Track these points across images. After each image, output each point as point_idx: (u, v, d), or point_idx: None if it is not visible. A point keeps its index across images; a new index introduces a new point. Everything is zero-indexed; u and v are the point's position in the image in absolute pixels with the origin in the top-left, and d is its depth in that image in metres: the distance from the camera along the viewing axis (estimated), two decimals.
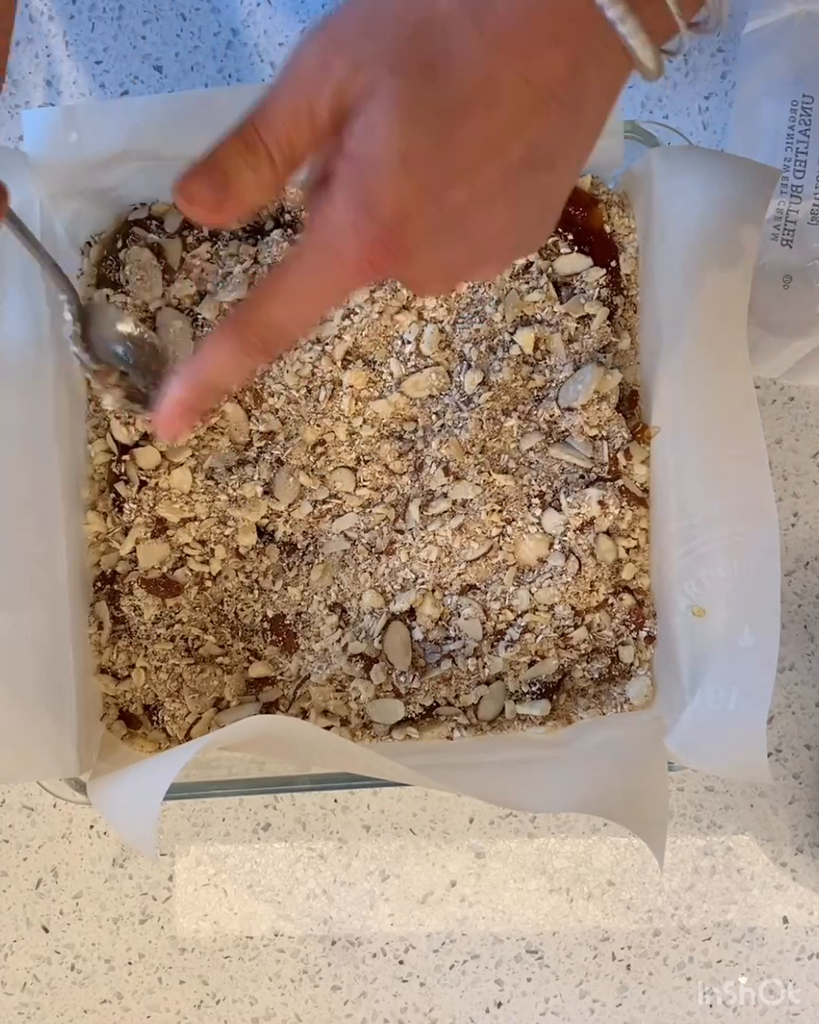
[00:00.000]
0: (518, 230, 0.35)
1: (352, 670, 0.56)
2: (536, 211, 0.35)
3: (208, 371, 0.37)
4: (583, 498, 0.54)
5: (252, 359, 0.36)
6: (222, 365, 0.37)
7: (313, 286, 0.35)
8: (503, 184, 0.32)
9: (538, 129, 0.31)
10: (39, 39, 0.63)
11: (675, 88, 0.63)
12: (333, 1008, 0.62)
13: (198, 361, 0.37)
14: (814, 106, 0.58)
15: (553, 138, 0.32)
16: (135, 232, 0.56)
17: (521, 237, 0.36)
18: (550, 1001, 0.62)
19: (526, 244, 0.38)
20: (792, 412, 0.63)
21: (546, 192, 0.34)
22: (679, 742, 0.51)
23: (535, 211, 0.35)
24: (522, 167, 0.32)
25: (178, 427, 0.39)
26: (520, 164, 0.32)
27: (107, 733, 0.56)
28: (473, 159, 0.31)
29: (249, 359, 0.36)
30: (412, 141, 0.31)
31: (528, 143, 0.31)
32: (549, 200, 0.35)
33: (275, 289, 0.35)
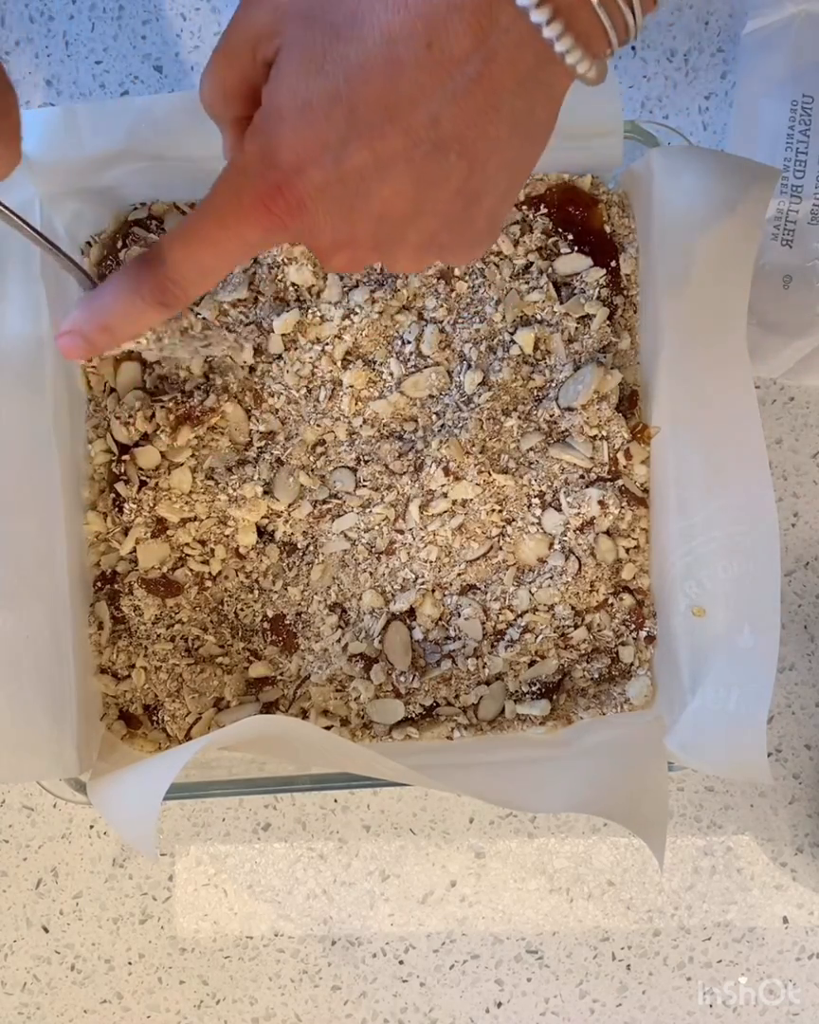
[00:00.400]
0: (434, 218, 0.34)
1: (352, 670, 0.56)
2: (454, 201, 0.34)
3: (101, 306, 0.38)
4: (583, 498, 0.54)
5: (146, 304, 0.37)
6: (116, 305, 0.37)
7: (212, 229, 0.35)
8: (406, 157, 0.32)
9: (441, 100, 0.31)
10: (39, 39, 0.63)
11: (675, 88, 0.63)
12: (333, 1008, 0.62)
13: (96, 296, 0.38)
14: (814, 106, 0.58)
15: (461, 116, 0.31)
16: (135, 232, 0.56)
17: (440, 228, 0.35)
18: (550, 1001, 0.62)
19: (449, 243, 0.36)
20: (792, 412, 0.63)
21: (464, 181, 0.33)
22: (679, 742, 0.52)
23: (453, 200, 0.34)
24: (427, 141, 0.31)
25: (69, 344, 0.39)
26: (425, 137, 0.31)
27: (107, 733, 0.56)
28: (372, 119, 0.31)
29: (142, 303, 0.37)
30: (314, 92, 0.31)
31: (431, 114, 0.31)
32: (470, 192, 0.34)
33: (175, 232, 0.36)
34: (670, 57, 0.63)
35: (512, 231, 0.56)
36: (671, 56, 0.63)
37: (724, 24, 0.63)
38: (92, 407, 0.57)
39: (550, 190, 0.56)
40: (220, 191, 0.35)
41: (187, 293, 0.37)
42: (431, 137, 0.31)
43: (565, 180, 0.56)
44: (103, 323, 0.38)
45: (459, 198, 0.34)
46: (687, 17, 0.63)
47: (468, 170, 0.33)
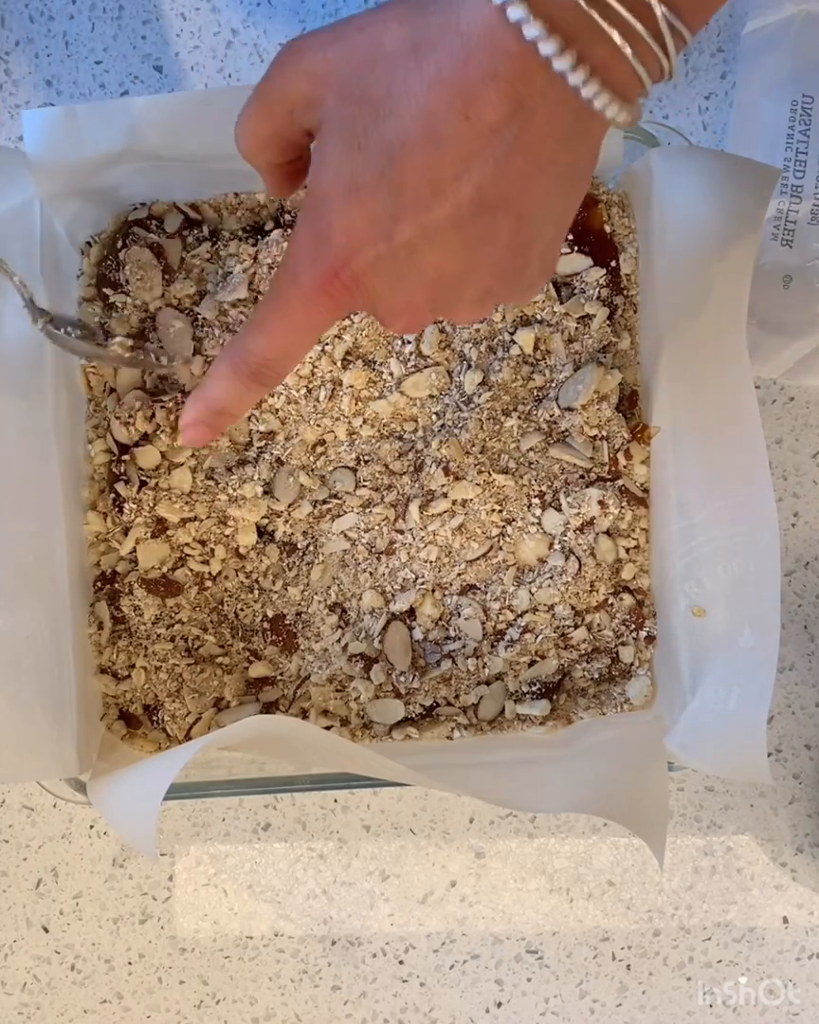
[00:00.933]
0: (488, 272, 0.35)
1: (352, 670, 0.56)
2: (505, 256, 0.34)
3: (213, 398, 0.42)
4: (583, 498, 0.54)
5: (247, 387, 0.40)
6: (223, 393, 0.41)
7: (281, 317, 0.37)
8: (454, 224, 0.32)
9: (483, 168, 0.31)
10: (39, 39, 0.63)
11: (675, 88, 0.63)
12: (333, 1008, 0.62)
13: (204, 388, 0.42)
14: (814, 106, 0.58)
15: (504, 179, 0.31)
16: (135, 232, 0.56)
17: (494, 281, 0.36)
18: (550, 1001, 0.62)
19: (505, 291, 0.37)
20: (792, 412, 0.63)
21: (513, 236, 0.34)
22: (679, 742, 0.52)
23: (503, 256, 0.34)
24: (472, 207, 0.32)
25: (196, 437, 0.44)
26: (470, 204, 0.32)
27: (107, 733, 0.56)
28: (418, 195, 0.32)
29: (244, 387, 0.40)
30: (358, 173, 0.32)
31: (475, 183, 0.31)
32: (519, 245, 0.34)
33: (254, 320, 0.38)
34: None
35: None
36: None
37: (724, 24, 0.63)
38: (92, 407, 0.57)
39: None
40: (282, 280, 0.36)
41: (279, 372, 0.40)
42: (476, 204, 0.32)
43: None
44: (220, 410, 0.42)
45: (509, 252, 0.34)
46: None
47: (516, 225, 0.33)
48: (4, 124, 0.63)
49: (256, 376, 0.40)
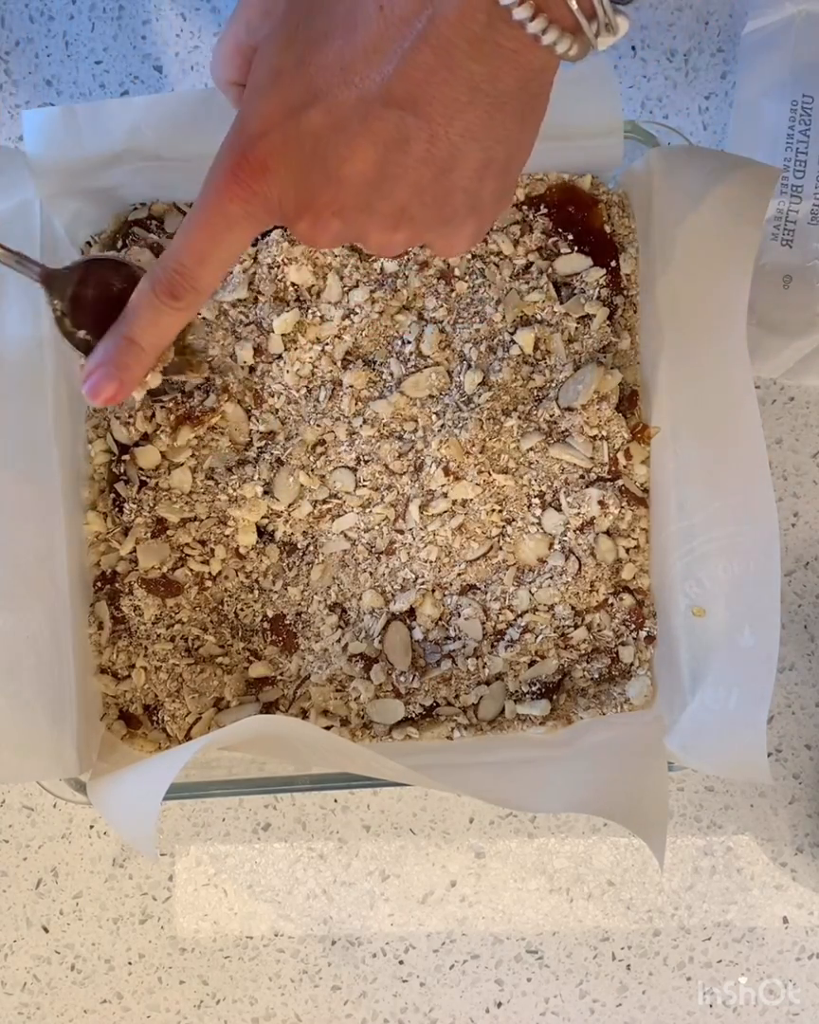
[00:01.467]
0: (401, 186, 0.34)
1: (352, 670, 0.56)
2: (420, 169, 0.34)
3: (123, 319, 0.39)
4: (583, 498, 0.54)
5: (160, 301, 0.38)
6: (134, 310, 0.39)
7: (195, 212, 0.36)
8: (361, 116, 0.32)
9: (391, 59, 0.31)
10: (39, 39, 0.63)
11: (675, 88, 0.63)
12: (333, 1008, 0.62)
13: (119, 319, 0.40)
14: (814, 106, 0.58)
15: (411, 74, 0.31)
16: (135, 232, 0.56)
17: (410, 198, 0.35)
18: (550, 1001, 0.62)
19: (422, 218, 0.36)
20: (792, 412, 0.63)
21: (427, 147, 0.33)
22: (679, 742, 0.52)
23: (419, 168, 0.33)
24: (380, 100, 0.32)
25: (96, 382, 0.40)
26: (377, 96, 0.32)
27: (107, 733, 0.56)
28: (330, 80, 0.32)
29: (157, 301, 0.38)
30: (281, 61, 0.33)
31: (382, 73, 0.31)
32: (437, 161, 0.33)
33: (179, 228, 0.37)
34: (670, 57, 0.63)
35: (512, 231, 0.56)
36: (671, 56, 0.63)
37: (724, 24, 0.63)
38: (92, 407, 0.57)
39: (550, 190, 0.56)
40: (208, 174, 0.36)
41: (193, 284, 0.38)
42: (384, 97, 0.32)
43: (565, 180, 0.56)
44: (128, 336, 0.39)
45: (425, 166, 0.34)
46: (687, 17, 0.63)
47: (429, 134, 0.33)
48: (4, 124, 0.63)
49: (169, 285, 0.38)
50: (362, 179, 0.34)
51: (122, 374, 0.40)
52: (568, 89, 0.50)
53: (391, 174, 0.34)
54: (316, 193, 0.35)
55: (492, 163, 0.35)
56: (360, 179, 0.34)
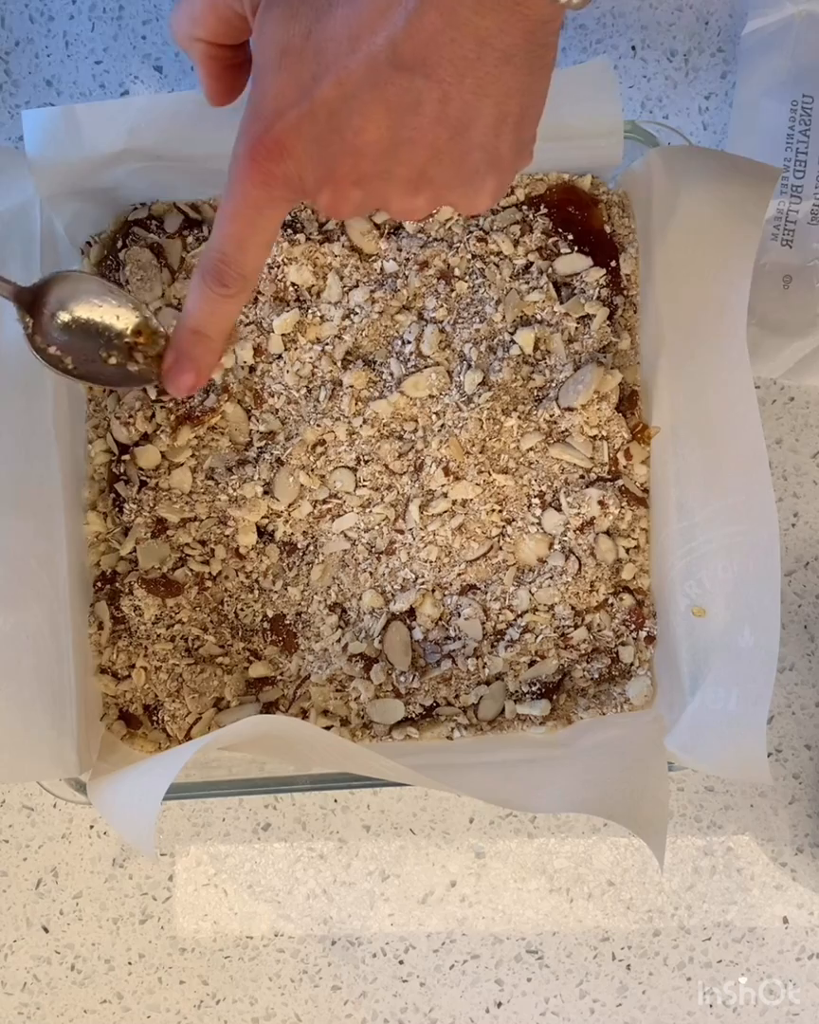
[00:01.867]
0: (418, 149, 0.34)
1: (352, 670, 0.56)
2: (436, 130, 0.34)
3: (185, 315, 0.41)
4: (583, 498, 0.54)
5: (214, 292, 0.39)
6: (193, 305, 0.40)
7: (229, 203, 0.36)
8: (372, 83, 0.32)
9: (396, 23, 0.31)
10: (39, 39, 0.63)
11: (675, 88, 0.63)
12: (333, 1008, 0.62)
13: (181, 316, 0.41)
14: (814, 106, 0.58)
15: (418, 35, 0.31)
16: (135, 232, 0.56)
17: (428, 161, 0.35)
18: (550, 1001, 0.62)
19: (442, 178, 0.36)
20: (792, 412, 0.63)
21: (441, 107, 0.33)
22: (679, 742, 0.51)
23: (434, 129, 0.33)
24: (389, 65, 0.32)
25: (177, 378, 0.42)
26: (386, 62, 0.32)
27: (107, 733, 0.56)
28: (338, 52, 0.32)
29: (211, 292, 0.39)
30: (289, 37, 0.33)
31: (389, 37, 0.31)
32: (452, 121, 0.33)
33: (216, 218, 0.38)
34: (670, 57, 0.63)
35: (512, 231, 0.56)
36: (671, 56, 0.63)
37: (724, 24, 0.63)
38: (92, 407, 0.57)
39: (550, 190, 0.56)
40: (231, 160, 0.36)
41: (239, 271, 0.39)
42: (392, 61, 0.32)
43: (565, 180, 0.56)
44: (195, 328, 0.41)
45: (441, 127, 0.34)
46: (687, 17, 0.63)
47: (441, 94, 0.33)
48: (4, 124, 0.63)
49: (218, 276, 0.39)
50: (378, 146, 0.34)
51: (198, 363, 0.42)
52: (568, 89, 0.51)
53: (407, 138, 0.34)
54: (334, 165, 0.35)
55: (507, 117, 0.35)
56: (376, 146, 0.34)
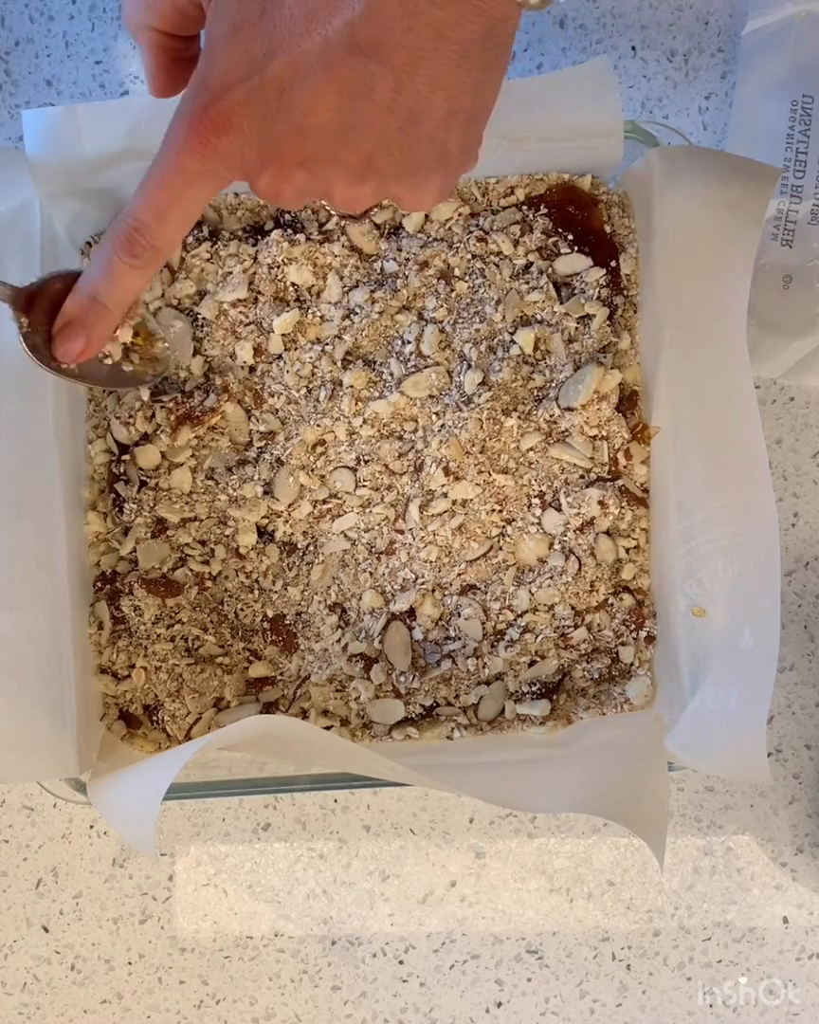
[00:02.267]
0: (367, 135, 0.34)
1: (352, 670, 0.56)
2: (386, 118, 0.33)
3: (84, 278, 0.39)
4: (583, 498, 0.54)
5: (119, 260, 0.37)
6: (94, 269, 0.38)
7: (159, 170, 0.35)
8: (325, 63, 0.32)
9: (353, 6, 0.31)
10: (39, 39, 0.63)
11: (675, 88, 0.63)
12: (333, 1008, 0.62)
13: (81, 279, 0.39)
14: (814, 106, 0.58)
15: (375, 20, 0.31)
16: None
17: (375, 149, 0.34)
18: (550, 1001, 0.62)
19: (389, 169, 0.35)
20: (792, 412, 0.63)
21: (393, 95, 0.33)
22: (679, 742, 0.51)
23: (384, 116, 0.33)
24: (344, 47, 0.32)
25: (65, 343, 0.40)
26: (341, 44, 0.31)
27: (107, 733, 0.56)
28: (293, 30, 0.32)
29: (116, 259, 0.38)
30: (243, 13, 0.32)
31: (346, 19, 0.31)
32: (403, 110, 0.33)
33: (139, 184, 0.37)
34: (670, 57, 0.63)
35: (512, 231, 0.56)
36: (671, 56, 0.63)
37: (724, 24, 0.63)
38: (92, 407, 0.57)
39: (550, 190, 0.56)
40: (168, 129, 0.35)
41: (153, 242, 0.37)
42: (348, 43, 0.31)
43: (565, 180, 0.56)
44: (90, 295, 0.39)
45: (391, 115, 0.33)
46: (687, 17, 0.63)
47: (394, 82, 0.32)
48: (4, 124, 0.63)
49: (128, 243, 0.37)
50: (326, 128, 0.33)
51: (89, 332, 0.40)
52: (568, 89, 0.51)
53: (356, 123, 0.33)
54: (280, 144, 0.34)
55: (458, 112, 0.34)
56: (324, 128, 0.33)
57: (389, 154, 0.35)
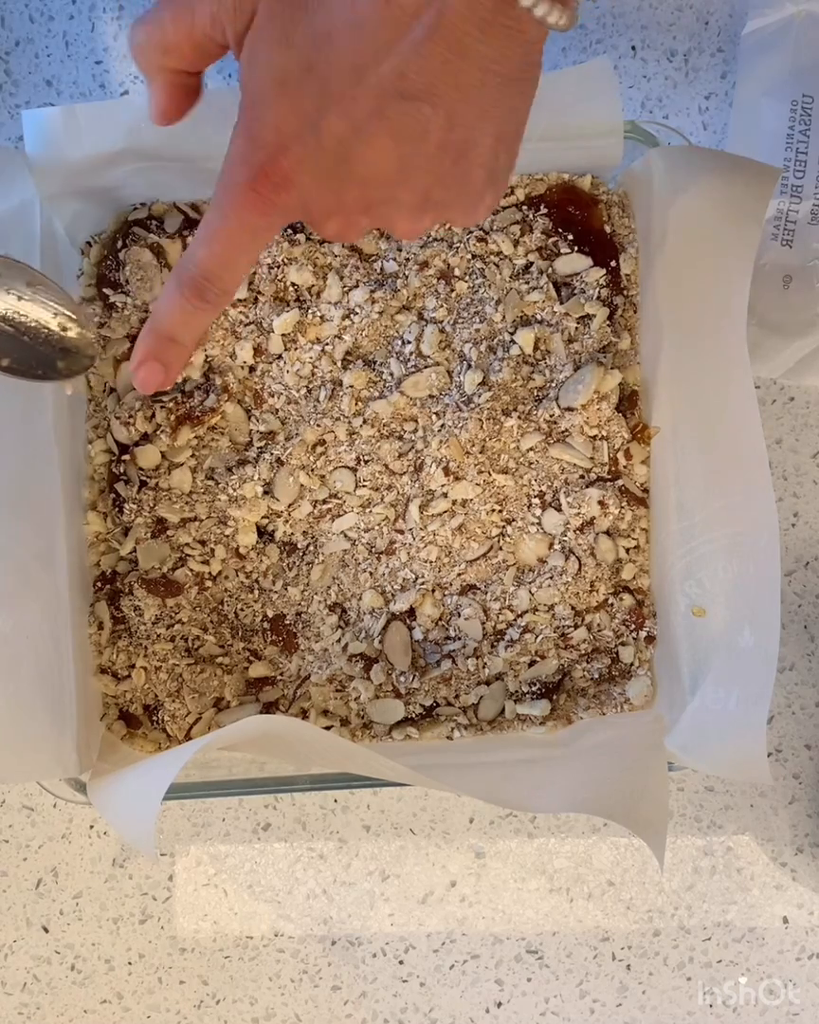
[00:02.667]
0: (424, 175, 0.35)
1: (352, 670, 0.56)
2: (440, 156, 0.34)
3: (158, 320, 0.40)
4: (583, 498, 0.54)
5: (192, 305, 0.39)
6: (168, 314, 0.40)
7: (218, 224, 0.36)
8: (380, 115, 0.32)
9: (404, 54, 0.31)
10: (39, 39, 0.63)
11: (675, 88, 0.63)
12: (333, 1008, 0.62)
13: (152, 316, 0.40)
14: (814, 106, 0.58)
15: (426, 66, 0.31)
16: (135, 232, 0.56)
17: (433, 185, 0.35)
18: (550, 1001, 0.62)
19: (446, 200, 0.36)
20: (792, 412, 0.63)
21: (445, 133, 0.33)
22: (679, 742, 0.52)
23: (439, 155, 0.34)
24: (397, 96, 0.32)
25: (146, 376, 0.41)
26: (394, 92, 0.32)
27: (107, 733, 0.56)
28: (343, 83, 0.32)
29: (188, 305, 0.39)
30: (286, 66, 0.32)
31: (396, 69, 0.31)
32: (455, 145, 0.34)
33: (198, 232, 0.37)
34: (670, 57, 0.63)
35: (512, 231, 0.56)
36: (671, 56, 0.63)
37: (724, 24, 0.63)
38: (92, 407, 0.57)
39: (550, 190, 0.56)
40: (218, 187, 0.36)
41: (221, 287, 0.39)
42: (400, 91, 0.32)
43: (565, 180, 0.56)
44: (168, 334, 0.41)
45: (445, 152, 0.34)
46: (687, 17, 0.63)
47: (446, 121, 0.33)
48: (4, 124, 0.63)
49: (199, 291, 0.38)
50: (385, 176, 0.34)
51: (168, 368, 0.42)
52: (568, 89, 0.51)
53: (412, 165, 0.34)
54: (341, 196, 0.35)
55: (504, 137, 0.35)
56: (383, 177, 0.34)
57: (446, 188, 0.36)
